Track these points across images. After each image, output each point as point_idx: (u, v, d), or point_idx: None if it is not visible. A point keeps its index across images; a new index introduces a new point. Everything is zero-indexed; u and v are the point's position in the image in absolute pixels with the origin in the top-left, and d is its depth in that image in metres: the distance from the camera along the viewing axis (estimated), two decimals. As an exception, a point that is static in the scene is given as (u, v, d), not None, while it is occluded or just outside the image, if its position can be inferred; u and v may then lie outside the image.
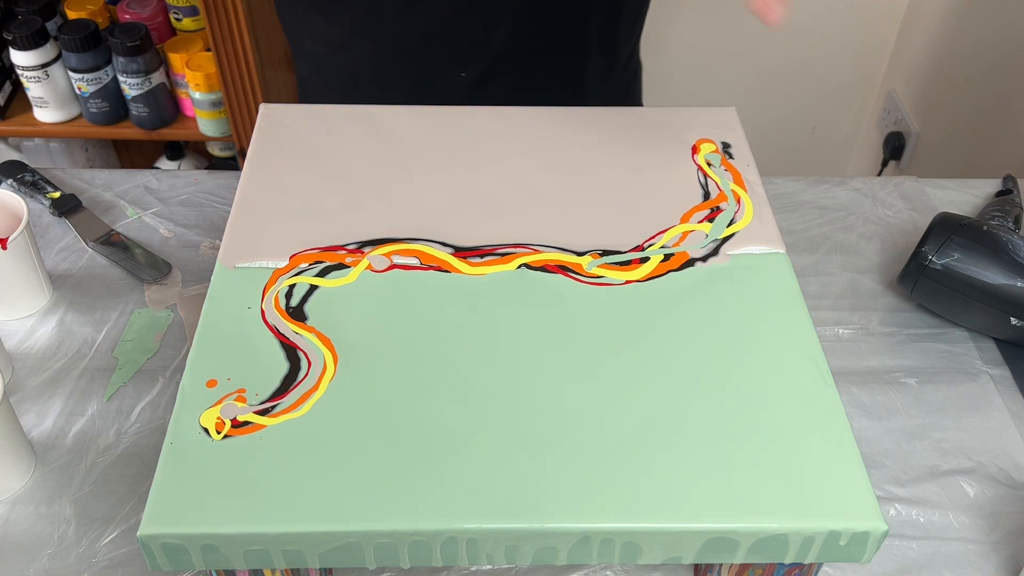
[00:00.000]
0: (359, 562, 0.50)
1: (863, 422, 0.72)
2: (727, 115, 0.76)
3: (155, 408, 0.70)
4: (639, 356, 0.57)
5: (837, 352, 0.77)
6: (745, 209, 0.67)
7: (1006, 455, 0.70)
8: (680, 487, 0.50)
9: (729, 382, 0.55)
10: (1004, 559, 0.64)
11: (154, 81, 1.51)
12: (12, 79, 1.58)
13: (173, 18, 1.57)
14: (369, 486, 0.50)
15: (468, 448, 0.51)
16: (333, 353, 0.56)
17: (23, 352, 0.75)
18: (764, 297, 0.61)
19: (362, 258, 0.62)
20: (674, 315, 0.59)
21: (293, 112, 0.74)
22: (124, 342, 0.75)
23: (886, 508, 0.67)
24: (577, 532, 0.49)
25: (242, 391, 0.54)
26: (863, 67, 1.84)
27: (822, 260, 0.85)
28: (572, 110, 0.75)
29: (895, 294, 0.83)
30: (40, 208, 0.87)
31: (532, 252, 0.63)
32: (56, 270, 0.82)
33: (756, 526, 0.49)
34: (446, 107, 0.75)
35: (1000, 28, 1.46)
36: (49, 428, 0.69)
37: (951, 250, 0.75)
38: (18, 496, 0.65)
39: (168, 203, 0.89)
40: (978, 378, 0.76)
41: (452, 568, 0.62)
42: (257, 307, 0.59)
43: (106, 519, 0.64)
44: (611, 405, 0.54)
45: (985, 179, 0.95)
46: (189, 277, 0.81)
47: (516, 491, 0.50)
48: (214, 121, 1.57)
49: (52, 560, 0.62)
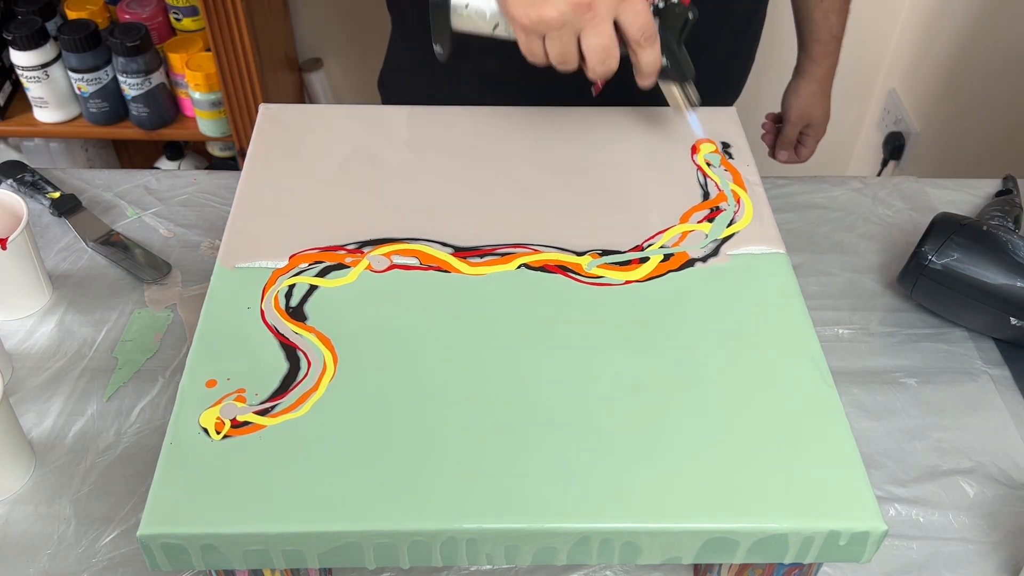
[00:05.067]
0: (359, 562, 0.50)
1: (863, 422, 0.72)
2: (727, 115, 0.76)
3: (155, 408, 0.70)
4: (639, 356, 0.57)
5: (837, 352, 0.77)
6: (745, 209, 0.67)
7: (1006, 455, 0.70)
8: (680, 487, 0.50)
9: (729, 382, 0.55)
10: (1004, 559, 0.64)
11: (154, 81, 1.51)
12: (12, 79, 1.58)
13: (173, 18, 1.57)
14: (369, 486, 0.50)
15: (467, 448, 0.51)
16: (333, 353, 0.56)
17: (23, 352, 0.75)
18: (764, 297, 0.61)
19: (362, 258, 0.62)
20: (674, 315, 0.59)
21: (293, 112, 0.74)
22: (124, 342, 0.75)
23: (886, 508, 0.67)
24: (577, 532, 0.49)
25: (242, 391, 0.54)
26: (863, 67, 1.84)
27: (822, 260, 0.85)
28: (572, 110, 0.75)
29: (895, 294, 0.83)
30: (40, 208, 0.87)
31: (532, 252, 0.63)
32: (56, 270, 0.82)
33: (756, 526, 0.49)
34: (446, 107, 0.75)
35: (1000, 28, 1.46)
36: (49, 428, 0.69)
37: (951, 250, 0.75)
38: (18, 496, 0.65)
39: (168, 203, 0.89)
40: (978, 378, 0.76)
41: (452, 568, 0.62)
42: (257, 307, 0.59)
43: (106, 519, 0.64)
44: (611, 405, 0.54)
45: (985, 179, 0.95)
46: (189, 277, 0.81)
47: (516, 491, 0.50)
48: (214, 121, 1.56)
49: (52, 560, 0.62)
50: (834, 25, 1.01)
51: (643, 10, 0.62)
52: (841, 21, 1.01)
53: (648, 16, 0.62)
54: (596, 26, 0.61)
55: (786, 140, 1.11)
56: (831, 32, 1.01)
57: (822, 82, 1.05)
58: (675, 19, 0.65)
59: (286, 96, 1.61)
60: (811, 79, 1.05)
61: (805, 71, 1.05)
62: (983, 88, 1.51)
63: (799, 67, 1.06)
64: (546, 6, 0.60)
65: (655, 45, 0.64)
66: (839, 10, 1.00)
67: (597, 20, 0.61)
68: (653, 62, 0.64)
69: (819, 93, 1.06)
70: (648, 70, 0.65)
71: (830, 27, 1.01)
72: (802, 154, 1.12)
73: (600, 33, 0.61)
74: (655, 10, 0.64)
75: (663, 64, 0.66)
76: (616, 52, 0.63)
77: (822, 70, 1.04)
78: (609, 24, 0.61)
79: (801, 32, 1.04)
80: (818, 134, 1.10)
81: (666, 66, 0.66)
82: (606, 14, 0.61)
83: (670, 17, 0.65)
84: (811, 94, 1.06)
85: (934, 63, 1.66)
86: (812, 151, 1.12)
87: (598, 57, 0.62)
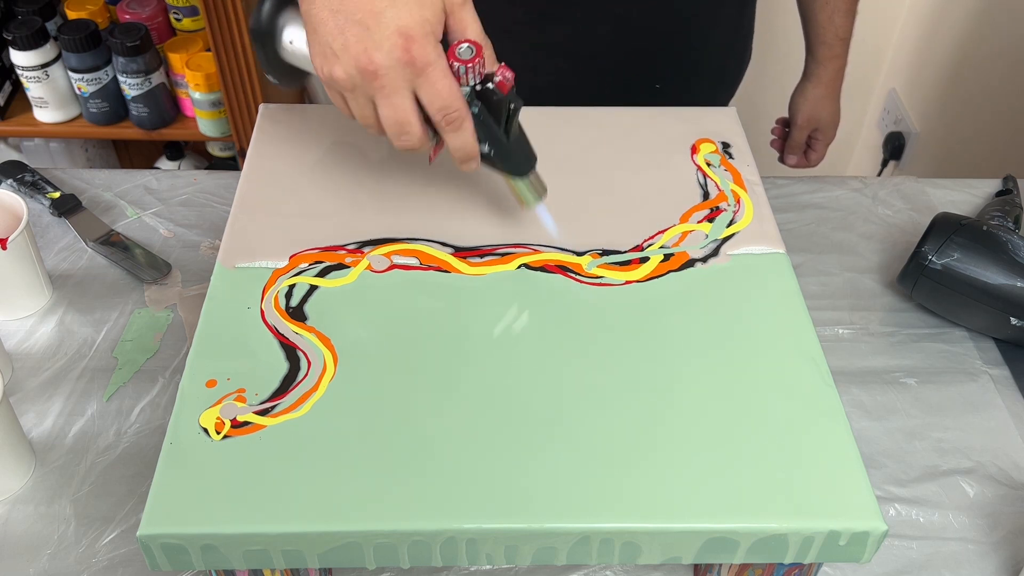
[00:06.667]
0: (359, 562, 0.50)
1: (863, 422, 0.72)
2: (727, 115, 0.76)
3: (155, 408, 0.70)
4: (639, 356, 0.57)
5: (837, 352, 0.77)
6: (745, 209, 0.67)
7: (1006, 455, 0.70)
8: (680, 487, 0.50)
9: (729, 382, 0.55)
10: (1004, 559, 0.64)
11: (154, 81, 1.51)
12: (12, 79, 1.58)
13: (173, 18, 1.57)
14: (369, 486, 0.50)
15: (467, 448, 0.51)
16: (333, 353, 0.56)
17: (23, 352, 0.75)
18: (764, 297, 0.61)
19: (362, 258, 0.62)
20: (674, 315, 0.59)
21: (293, 112, 0.74)
22: (124, 342, 0.75)
23: (886, 508, 0.67)
24: (577, 532, 0.49)
25: (242, 391, 0.54)
26: (863, 67, 1.84)
27: (822, 260, 0.85)
28: (572, 110, 0.75)
29: (895, 294, 0.83)
30: (40, 208, 0.87)
31: (532, 252, 0.63)
32: (56, 270, 0.82)
33: (756, 526, 0.49)
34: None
35: (1001, 28, 1.46)
36: (49, 428, 0.69)
37: (951, 250, 0.75)
38: (18, 496, 0.65)
39: (168, 203, 0.89)
40: (978, 378, 0.76)
41: (452, 568, 0.62)
42: (257, 307, 0.59)
43: (106, 519, 0.64)
44: (611, 405, 0.54)
45: (985, 179, 0.95)
46: (189, 277, 0.81)
47: (516, 491, 0.50)
48: (214, 121, 1.56)
49: (52, 560, 0.62)
50: (840, 27, 1.00)
51: (444, 89, 0.54)
52: (847, 23, 1.00)
53: (451, 96, 0.55)
54: (387, 97, 0.54)
55: (794, 144, 1.10)
56: (837, 34, 1.01)
57: (829, 85, 1.05)
58: (495, 106, 0.57)
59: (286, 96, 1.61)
60: (818, 82, 1.05)
61: (812, 74, 1.05)
62: (983, 88, 1.51)
63: (806, 70, 1.06)
64: (337, 65, 0.54)
65: (463, 130, 0.56)
66: (845, 12, 0.99)
67: (388, 91, 0.54)
68: (462, 148, 0.57)
69: (826, 96, 1.05)
70: (458, 156, 0.58)
71: (836, 29, 1.00)
72: (812, 158, 1.11)
73: (393, 106, 0.54)
74: (476, 93, 0.56)
75: (486, 151, 0.59)
76: (416, 128, 0.56)
77: (829, 73, 1.04)
78: (404, 97, 0.54)
79: (807, 35, 1.04)
80: (827, 138, 1.09)
81: (488, 154, 0.59)
82: (399, 86, 0.54)
83: (489, 103, 0.57)
84: (818, 97, 1.05)
85: (934, 63, 1.66)
86: (822, 155, 1.11)
87: (393, 131, 0.56)
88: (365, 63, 0.53)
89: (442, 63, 0.54)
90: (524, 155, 0.61)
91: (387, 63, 0.53)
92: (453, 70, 0.55)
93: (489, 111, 0.57)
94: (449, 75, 0.54)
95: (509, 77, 0.57)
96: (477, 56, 0.55)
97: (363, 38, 0.53)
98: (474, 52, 0.55)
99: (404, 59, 0.53)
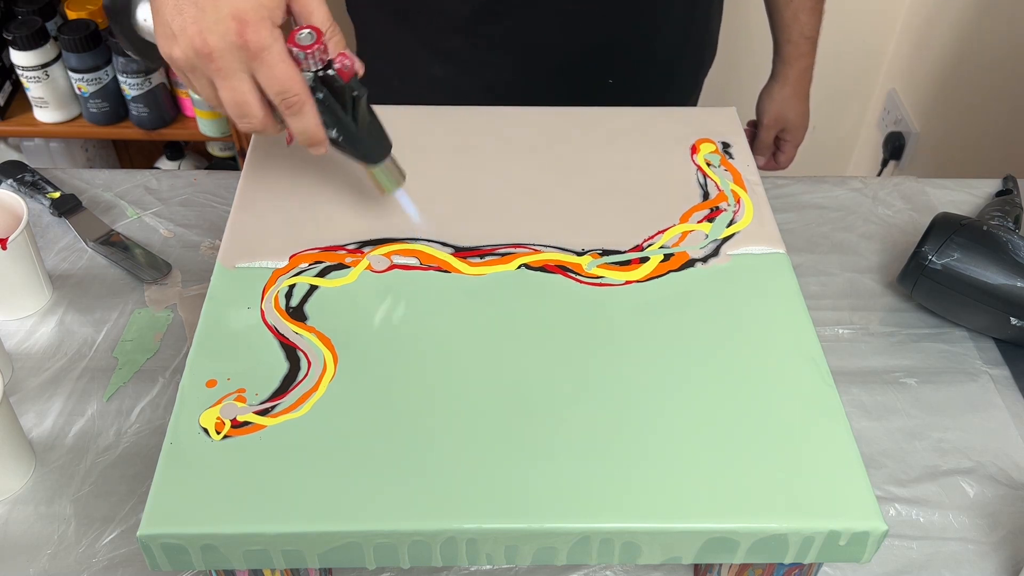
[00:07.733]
0: (359, 562, 0.50)
1: (863, 422, 0.72)
2: (727, 115, 0.76)
3: (155, 408, 0.70)
4: (639, 356, 0.57)
5: (837, 352, 0.77)
6: (745, 209, 0.67)
7: (1006, 455, 0.70)
8: (680, 487, 0.50)
9: (729, 382, 0.55)
10: (1004, 559, 0.64)
11: (154, 81, 1.51)
12: (12, 79, 1.58)
13: (173, 18, 1.57)
14: (369, 486, 0.50)
15: (468, 448, 0.51)
16: (333, 353, 0.56)
17: (23, 352, 0.75)
18: (764, 297, 0.61)
19: (362, 258, 0.62)
20: (674, 315, 0.59)
21: (293, 112, 0.74)
22: (124, 342, 0.75)
23: (886, 508, 0.67)
24: (577, 532, 0.49)
25: (242, 391, 0.54)
26: (863, 67, 1.84)
27: (822, 260, 0.85)
28: (572, 110, 0.75)
29: (895, 294, 0.83)
30: (40, 208, 0.87)
31: (532, 252, 0.63)
32: (56, 270, 0.82)
33: (756, 526, 0.49)
34: (446, 107, 0.75)
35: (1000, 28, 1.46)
36: (49, 428, 0.69)
37: (951, 250, 0.75)
38: (18, 496, 0.65)
39: (168, 203, 0.89)
40: (978, 378, 0.76)
41: (452, 568, 0.62)
42: (257, 307, 0.59)
43: (106, 519, 0.64)
44: (611, 405, 0.54)
45: (985, 179, 0.95)
46: (189, 277, 0.81)
47: (516, 491, 0.50)
48: (214, 121, 1.56)
49: (52, 560, 0.62)
50: (805, 25, 0.98)
51: (281, 73, 0.54)
52: (812, 21, 0.98)
53: (288, 80, 0.55)
54: (224, 79, 0.55)
55: (762, 145, 1.08)
56: (802, 33, 0.99)
57: (796, 84, 1.02)
58: (337, 92, 0.57)
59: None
60: (784, 81, 1.03)
61: (778, 73, 1.03)
62: (983, 88, 1.51)
63: (773, 70, 1.04)
64: (175, 46, 0.55)
65: (304, 114, 0.56)
66: (810, 10, 0.97)
67: (224, 73, 0.54)
68: (304, 131, 0.57)
69: (793, 96, 1.03)
70: (303, 140, 0.58)
71: (800, 27, 0.98)
72: (780, 160, 1.09)
73: (231, 88, 0.55)
74: (319, 79, 0.56)
75: (334, 137, 0.59)
76: (256, 111, 0.56)
77: (795, 72, 1.02)
78: (241, 80, 0.55)
79: (774, 34, 1.02)
80: (796, 139, 1.07)
81: (337, 140, 0.59)
82: (234, 68, 0.54)
83: (333, 90, 0.57)
84: (785, 97, 1.03)
85: (934, 63, 1.66)
86: (791, 157, 1.09)
87: (234, 113, 0.56)
88: (200, 45, 0.54)
89: (278, 47, 0.54)
90: (377, 142, 0.62)
91: (221, 46, 0.53)
92: (293, 55, 0.55)
93: (335, 97, 0.57)
94: (287, 59, 0.55)
95: (349, 64, 0.57)
96: (317, 42, 0.55)
97: (199, 20, 0.53)
98: (315, 38, 0.55)
99: (238, 42, 0.53)
